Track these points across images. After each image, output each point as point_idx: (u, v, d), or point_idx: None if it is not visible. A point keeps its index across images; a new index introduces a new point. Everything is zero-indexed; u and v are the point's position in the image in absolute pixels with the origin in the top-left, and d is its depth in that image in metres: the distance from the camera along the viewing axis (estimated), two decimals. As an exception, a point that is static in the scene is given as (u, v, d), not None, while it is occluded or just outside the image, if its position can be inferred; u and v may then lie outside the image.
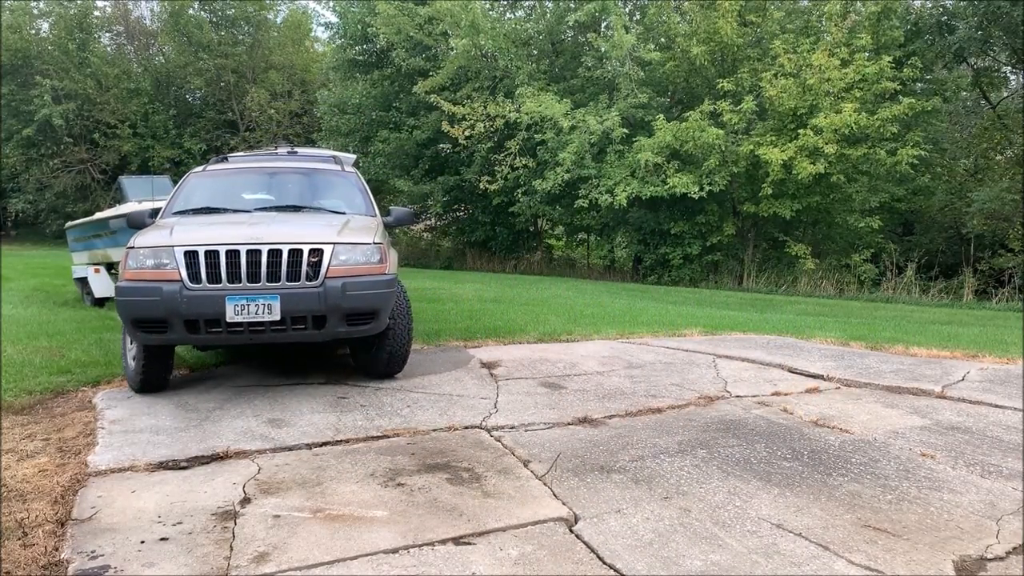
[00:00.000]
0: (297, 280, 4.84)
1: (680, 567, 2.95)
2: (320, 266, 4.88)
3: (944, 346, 7.45)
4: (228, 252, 4.80)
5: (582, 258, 24.28)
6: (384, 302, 5.07)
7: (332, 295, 4.82)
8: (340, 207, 6.20)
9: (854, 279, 17.00)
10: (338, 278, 4.88)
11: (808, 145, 15.35)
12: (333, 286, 4.84)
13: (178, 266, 4.79)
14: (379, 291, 5.03)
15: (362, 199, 6.39)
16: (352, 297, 4.88)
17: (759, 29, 17.86)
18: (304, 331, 4.87)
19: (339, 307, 4.83)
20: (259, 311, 4.74)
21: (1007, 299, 15.04)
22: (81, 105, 28.48)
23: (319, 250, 4.91)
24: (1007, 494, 3.67)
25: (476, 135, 18.98)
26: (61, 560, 3.06)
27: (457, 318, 8.84)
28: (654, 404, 5.21)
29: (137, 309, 4.78)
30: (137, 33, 31.97)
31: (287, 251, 4.85)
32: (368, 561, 2.98)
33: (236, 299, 4.73)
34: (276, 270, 4.82)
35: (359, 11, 22.88)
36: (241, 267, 4.78)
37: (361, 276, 4.97)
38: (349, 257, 4.97)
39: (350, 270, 4.94)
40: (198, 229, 5.18)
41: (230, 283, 4.78)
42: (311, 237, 4.98)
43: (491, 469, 3.94)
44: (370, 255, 5.07)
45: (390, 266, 5.21)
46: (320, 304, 4.81)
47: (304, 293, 4.81)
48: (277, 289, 4.79)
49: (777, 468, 4.00)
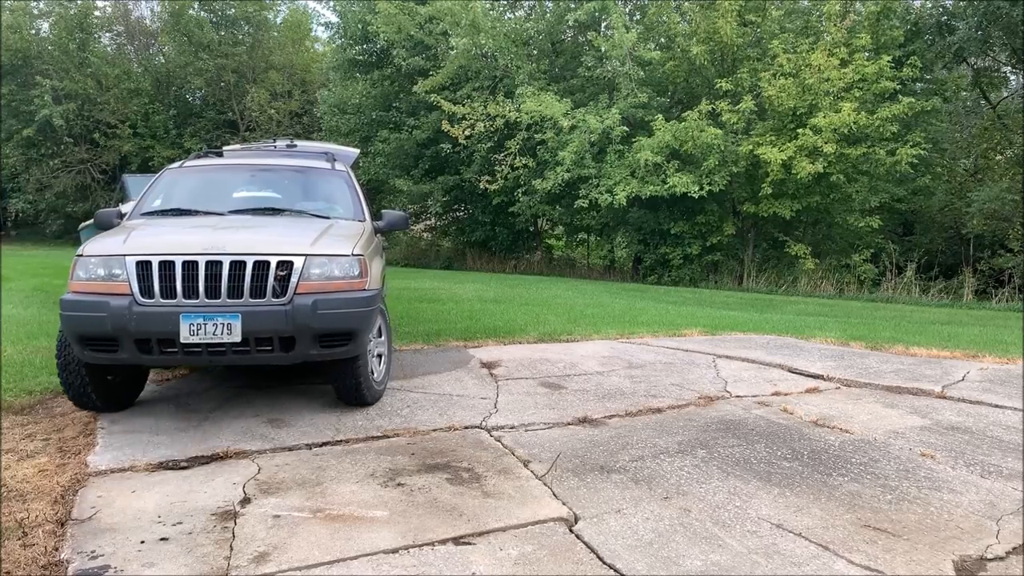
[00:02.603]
0: (262, 296, 4.29)
1: (680, 567, 2.95)
2: (289, 281, 4.32)
3: (944, 346, 7.45)
4: (185, 263, 4.28)
5: (582, 258, 24.27)
6: (362, 322, 4.51)
7: (301, 314, 4.25)
8: (326, 210, 5.68)
9: (854, 279, 17.00)
10: (309, 295, 4.32)
11: (807, 145, 15.35)
12: (302, 304, 4.27)
13: (129, 278, 4.27)
14: (356, 310, 4.47)
15: (352, 201, 5.86)
16: (324, 316, 4.32)
17: (759, 29, 17.86)
18: (271, 353, 4.34)
19: (309, 328, 4.27)
20: (217, 331, 4.19)
21: (1007, 299, 15.04)
22: (81, 105, 28.48)
23: (288, 262, 4.36)
24: (1007, 494, 3.67)
25: (476, 135, 18.98)
26: (61, 560, 3.06)
27: (457, 318, 8.84)
28: (654, 404, 5.21)
29: (82, 325, 4.27)
30: (137, 33, 31.98)
31: (252, 263, 4.30)
32: (368, 561, 2.98)
33: (191, 317, 4.18)
34: (239, 284, 4.27)
35: (359, 10, 22.88)
36: (199, 280, 4.25)
37: (336, 293, 4.42)
38: (323, 271, 4.44)
39: (323, 286, 4.40)
40: (158, 235, 4.79)
41: (186, 298, 4.24)
42: (281, 247, 4.45)
43: (491, 469, 3.94)
44: (348, 269, 4.53)
45: (371, 280, 4.68)
46: (287, 324, 4.25)
47: (269, 311, 4.25)
48: (239, 306, 4.24)
49: (777, 468, 4.00)
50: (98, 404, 4.78)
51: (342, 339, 4.44)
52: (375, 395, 5.02)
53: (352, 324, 4.45)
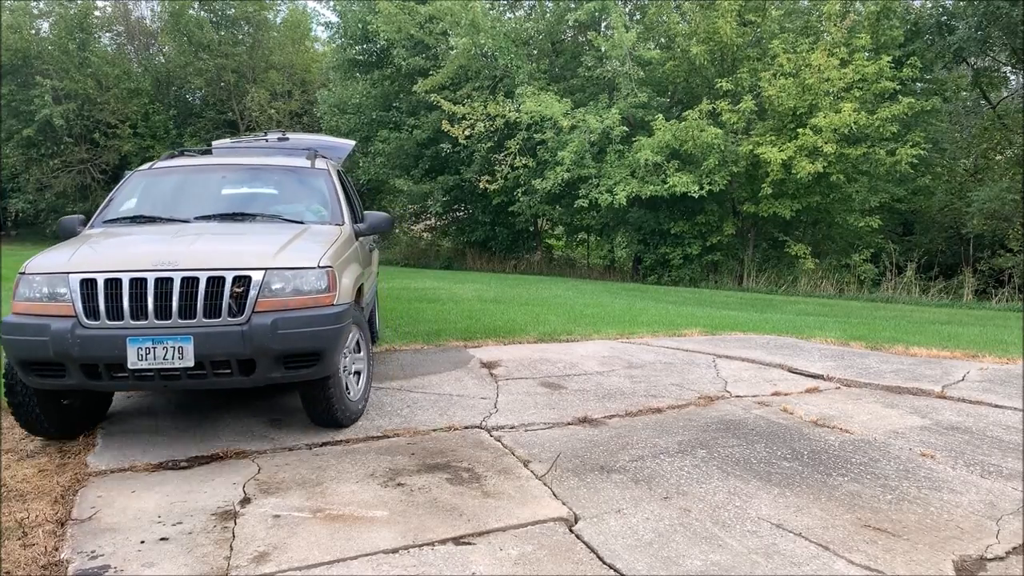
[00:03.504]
0: (217, 315, 3.91)
1: (680, 567, 2.95)
2: (247, 298, 3.95)
3: (944, 346, 7.45)
4: (133, 281, 3.91)
5: (582, 258, 24.27)
6: (330, 341, 4.11)
7: (259, 335, 3.88)
8: (301, 214, 5.30)
9: (854, 279, 17.00)
10: (269, 313, 3.94)
11: (807, 145, 15.35)
12: (260, 324, 3.89)
13: (73, 298, 3.91)
14: (323, 328, 4.06)
15: (331, 202, 5.44)
16: (286, 337, 3.94)
17: (758, 29, 17.86)
18: (230, 377, 4.00)
19: (268, 349, 3.90)
20: (168, 355, 3.83)
21: (1007, 299, 15.04)
22: (81, 105, 28.48)
23: (246, 278, 3.97)
24: (1007, 494, 3.67)
25: (476, 135, 18.98)
26: (61, 560, 3.06)
27: (457, 318, 8.84)
28: (654, 404, 5.21)
29: (23, 350, 3.92)
30: (137, 33, 31.97)
31: (205, 279, 3.93)
32: (368, 561, 2.98)
33: (140, 340, 3.83)
34: (191, 303, 3.90)
35: (359, 10, 22.89)
36: (148, 300, 3.89)
37: (299, 310, 4.03)
38: (285, 285, 4.04)
39: (285, 302, 4.01)
40: (109, 248, 4.45)
41: (134, 320, 3.88)
42: (239, 260, 4.06)
43: (491, 469, 3.95)
44: (313, 282, 4.13)
45: (340, 294, 4.28)
46: (244, 346, 3.87)
47: (224, 333, 3.88)
48: (191, 328, 3.88)
49: (777, 468, 4.00)
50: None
51: (308, 360, 4.06)
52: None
53: (318, 344, 4.06)
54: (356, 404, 4.69)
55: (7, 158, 28.96)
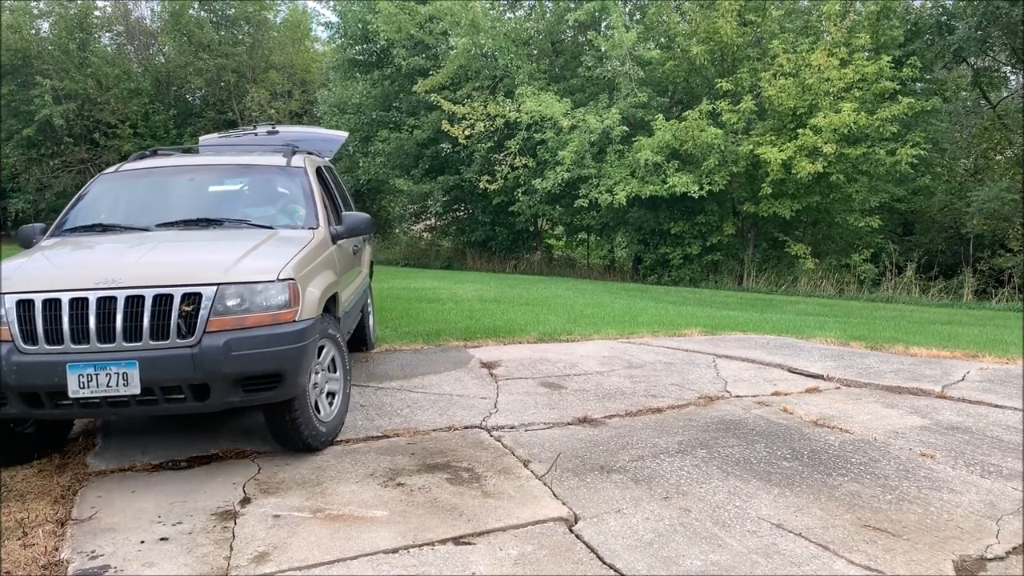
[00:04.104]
0: (165, 337, 3.59)
1: (680, 567, 2.95)
2: (197, 317, 3.61)
3: (944, 346, 7.45)
4: (73, 301, 3.59)
5: (582, 258, 24.26)
6: (291, 362, 3.76)
7: (210, 358, 3.55)
8: (272, 217, 4.99)
9: (854, 279, 17.00)
10: (221, 333, 3.60)
11: (807, 145, 15.35)
12: (212, 345, 3.56)
13: (9, 320, 3.60)
14: (282, 348, 3.72)
15: (306, 204, 5.06)
16: (240, 359, 3.60)
17: (759, 29, 17.86)
18: (183, 403, 3.69)
19: (221, 373, 3.59)
20: (111, 382, 3.51)
21: (1007, 299, 15.03)
22: (81, 105, 28.48)
23: (196, 295, 3.63)
24: (1007, 494, 3.68)
25: (476, 135, 18.98)
26: (61, 560, 3.07)
27: (457, 318, 8.84)
28: (654, 404, 5.22)
29: None
30: (137, 33, 31.96)
31: (151, 298, 3.60)
32: (368, 561, 2.98)
33: (80, 367, 3.50)
34: (137, 324, 3.58)
35: (359, 10, 22.88)
36: (90, 321, 3.56)
37: (256, 328, 3.68)
38: (240, 302, 3.69)
39: (240, 320, 3.67)
40: (53, 263, 4.14)
41: (75, 344, 3.55)
42: (189, 275, 3.73)
43: (491, 469, 3.95)
44: (272, 297, 3.76)
45: (304, 309, 3.91)
46: (194, 371, 3.55)
47: (172, 356, 3.56)
48: (137, 351, 3.55)
49: (777, 468, 4.00)
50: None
51: (268, 382, 3.74)
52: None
53: (278, 365, 3.71)
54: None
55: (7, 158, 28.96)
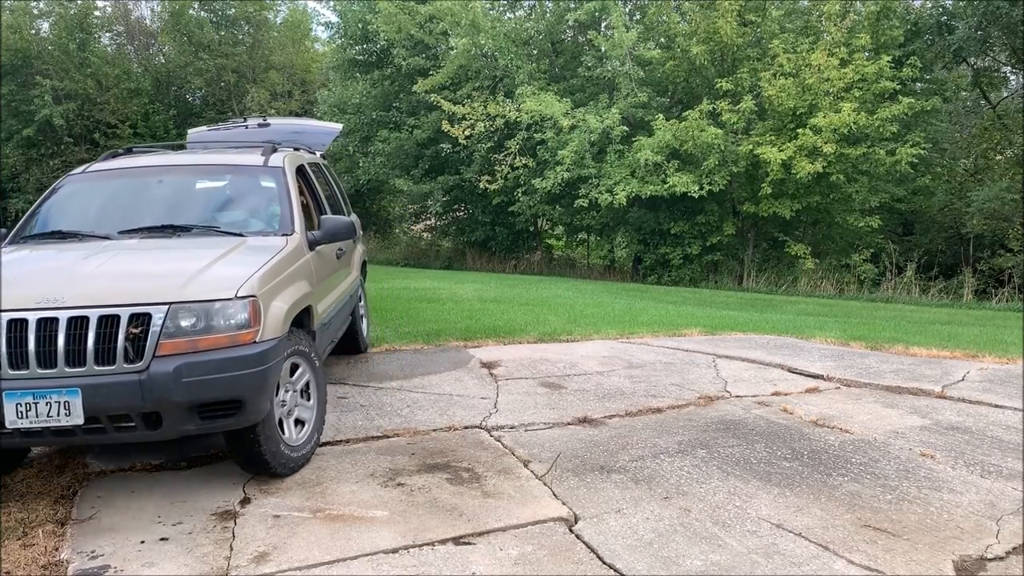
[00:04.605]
0: (111, 362, 3.29)
1: (680, 567, 2.95)
2: (146, 339, 3.32)
3: (944, 346, 7.45)
4: (11, 323, 3.31)
5: (582, 258, 24.25)
6: (251, 387, 3.45)
7: (159, 385, 3.26)
8: (243, 222, 4.65)
9: (854, 279, 16.99)
10: (172, 357, 3.31)
11: (807, 145, 15.35)
12: (161, 372, 3.27)
13: None
14: (240, 372, 3.41)
15: (281, 207, 4.71)
16: (192, 386, 3.31)
17: (759, 29, 17.86)
18: (134, 431, 3.39)
19: (171, 402, 3.29)
20: (52, 411, 3.23)
21: (1007, 299, 15.03)
22: (81, 105, 28.47)
23: (144, 315, 3.34)
24: (1007, 494, 3.68)
25: (476, 135, 18.98)
26: (61, 560, 3.07)
27: (457, 318, 8.84)
28: (654, 404, 5.22)
29: None
30: (137, 33, 31.96)
31: (96, 319, 3.30)
32: (368, 561, 2.98)
33: (17, 395, 3.23)
34: (80, 347, 3.29)
35: (359, 10, 22.89)
36: (29, 345, 3.28)
37: (211, 352, 3.38)
38: (194, 322, 3.39)
39: (193, 343, 3.37)
40: None
41: (13, 369, 3.28)
42: (138, 293, 3.42)
43: (491, 469, 3.95)
44: (229, 316, 3.45)
45: (267, 328, 3.58)
46: (142, 399, 3.26)
47: (117, 384, 3.26)
48: (79, 378, 3.26)
49: (777, 468, 4.00)
50: None
51: (227, 409, 3.44)
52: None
53: (235, 391, 3.41)
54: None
55: (7, 158, 28.97)
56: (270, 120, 6.82)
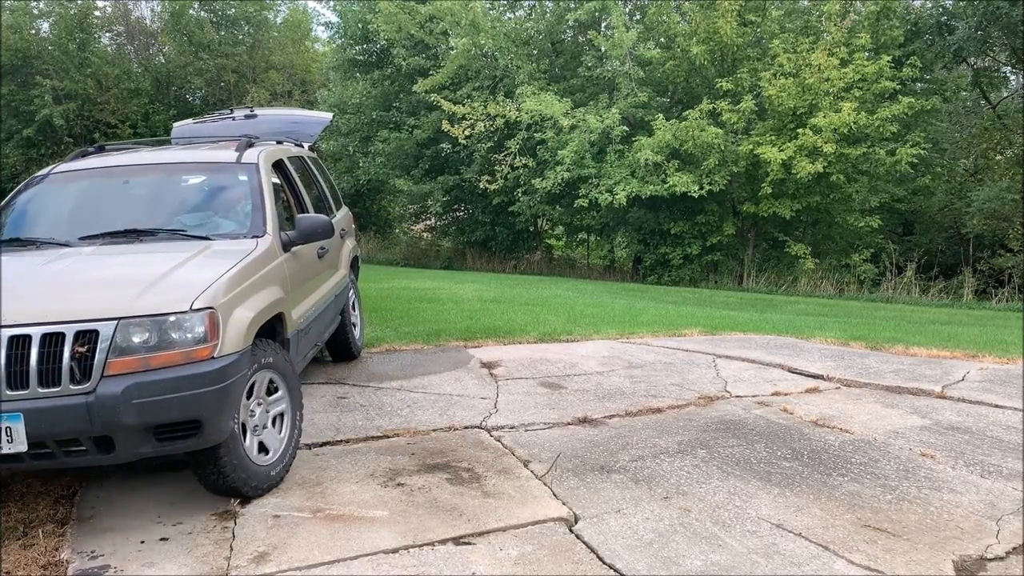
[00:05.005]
0: (56, 384, 3.06)
1: (680, 567, 2.95)
2: (93, 358, 3.08)
3: (944, 346, 7.45)
4: None
5: (582, 258, 24.25)
6: (210, 407, 3.22)
7: (107, 408, 3.03)
8: (212, 224, 4.40)
9: (854, 279, 16.99)
10: (121, 377, 3.08)
11: (807, 145, 15.35)
12: (109, 393, 3.04)
13: None
14: (197, 391, 3.17)
15: (252, 208, 4.43)
16: (144, 408, 3.08)
17: (759, 29, 17.86)
18: (85, 456, 3.16)
19: (121, 425, 3.06)
20: None
21: (1007, 299, 15.03)
22: (81, 105, 28.49)
23: (91, 332, 3.10)
24: (1007, 494, 3.68)
25: (476, 135, 18.98)
26: (61, 560, 3.07)
27: (457, 318, 8.84)
28: (654, 404, 5.22)
29: None
30: (137, 33, 31.97)
31: (39, 337, 3.08)
32: (368, 561, 2.98)
33: None
34: (23, 368, 3.06)
35: (359, 10, 22.89)
36: None
37: (164, 370, 3.15)
38: (146, 338, 3.15)
39: (145, 360, 3.13)
40: None
41: None
42: (85, 309, 3.18)
43: (491, 469, 3.95)
44: (185, 331, 3.21)
45: (227, 342, 3.33)
46: (90, 423, 3.03)
47: (63, 407, 3.03)
48: (21, 401, 3.03)
49: (777, 468, 4.00)
50: None
51: (184, 430, 3.22)
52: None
53: (192, 412, 3.18)
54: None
55: (7, 158, 28.97)
56: (257, 111, 6.59)
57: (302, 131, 6.49)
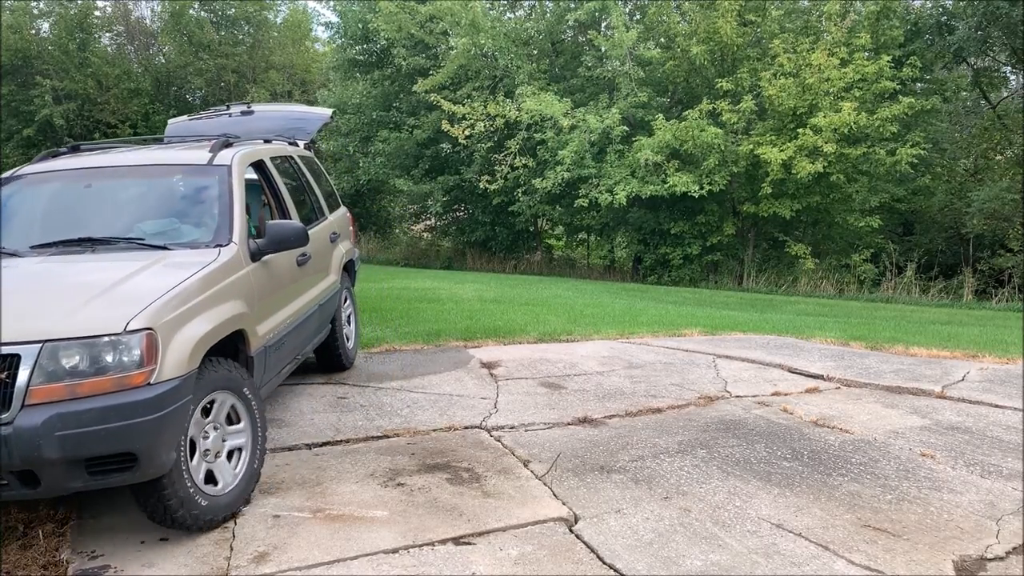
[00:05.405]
0: None
1: (680, 567, 2.95)
2: (14, 385, 2.83)
3: (944, 346, 7.45)
4: None
5: (582, 258, 24.26)
6: (145, 438, 2.92)
7: (25, 440, 2.76)
8: (174, 232, 4.08)
9: (854, 279, 17.00)
10: (45, 406, 2.81)
11: (808, 145, 15.35)
12: (28, 425, 2.77)
13: None
14: (131, 422, 2.89)
15: (219, 214, 4.09)
16: (68, 441, 2.80)
17: (759, 29, 17.87)
18: (9, 490, 2.90)
19: (42, 459, 2.79)
20: None
21: (1007, 299, 15.03)
22: (81, 105, 28.50)
23: (12, 356, 2.85)
24: (1007, 494, 3.68)
25: (476, 135, 18.98)
26: (61, 560, 3.07)
27: (457, 318, 8.84)
28: (654, 404, 5.22)
29: None
30: (137, 33, 31.97)
31: None
32: (368, 561, 2.98)
33: None
34: None
35: (359, 10, 22.90)
36: None
37: (93, 397, 2.86)
38: (74, 363, 2.88)
39: (72, 388, 2.86)
40: None
41: None
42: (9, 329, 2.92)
43: (491, 469, 3.95)
44: (117, 354, 2.93)
45: (166, 367, 3.03)
46: (9, 456, 2.78)
47: None
48: None
49: (777, 468, 4.00)
50: None
51: (118, 464, 2.93)
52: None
53: (126, 444, 2.89)
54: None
55: (7, 158, 28.96)
56: (254, 107, 6.38)
57: (299, 128, 6.32)
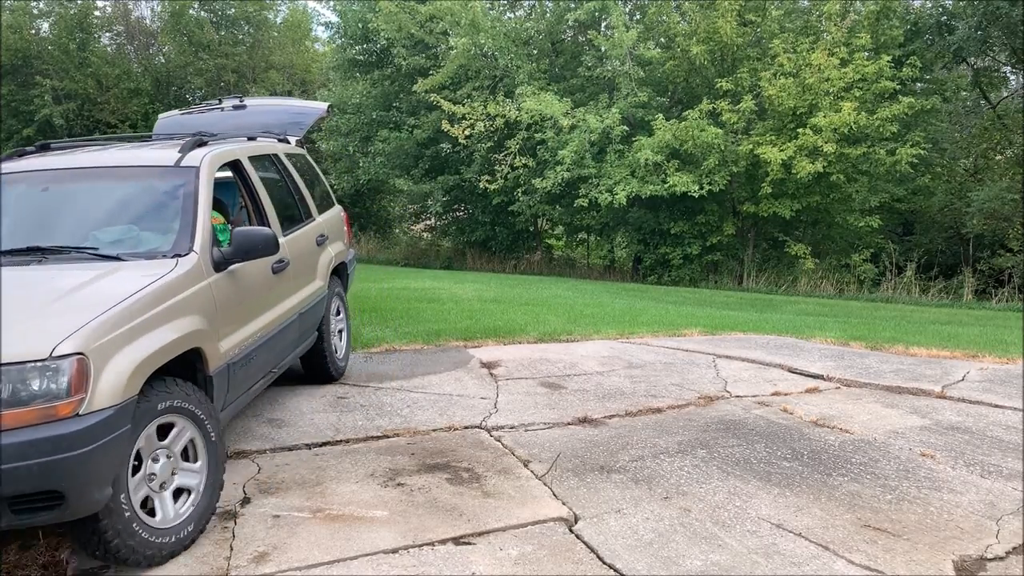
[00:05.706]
0: None
1: (680, 567, 2.95)
2: None
3: (944, 346, 7.45)
4: None
5: (582, 258, 24.26)
6: (73, 476, 2.67)
7: None
8: (131, 240, 3.79)
9: (854, 279, 17.00)
10: None
11: (808, 145, 15.36)
12: None
13: None
14: (54, 458, 2.63)
15: (180, 221, 3.79)
16: None
17: (759, 29, 17.87)
18: None
19: None
20: None
21: (1007, 299, 15.03)
22: (81, 105, 28.50)
23: None
24: (1007, 494, 3.68)
25: (476, 135, 18.98)
26: (61, 560, 3.07)
27: (457, 318, 8.84)
28: (654, 404, 5.22)
29: None
30: (137, 33, 31.97)
31: None
32: (368, 561, 2.99)
33: None
34: None
35: (359, 10, 22.90)
36: None
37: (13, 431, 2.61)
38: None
39: None
40: None
41: None
42: None
43: (491, 469, 3.95)
44: (42, 382, 2.67)
45: (99, 395, 2.75)
46: None
47: None
48: None
49: (777, 468, 4.00)
50: None
51: (44, 501, 2.67)
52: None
53: (48, 482, 2.63)
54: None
55: (7, 158, 28.91)
56: (247, 101, 6.17)
57: (293, 123, 6.12)
